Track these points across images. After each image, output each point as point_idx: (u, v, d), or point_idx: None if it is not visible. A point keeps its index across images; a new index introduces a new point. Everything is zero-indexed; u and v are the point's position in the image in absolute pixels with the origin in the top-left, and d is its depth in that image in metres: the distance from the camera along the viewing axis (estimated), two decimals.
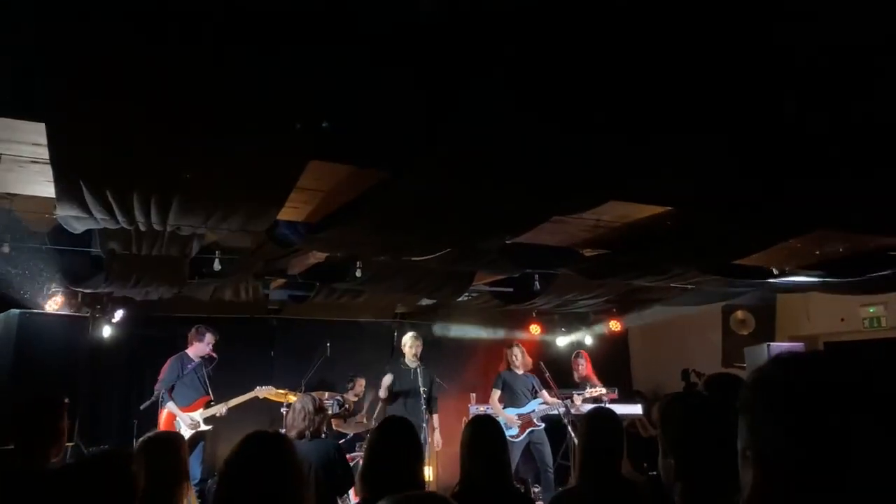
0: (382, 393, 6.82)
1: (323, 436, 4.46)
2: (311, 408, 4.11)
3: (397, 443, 2.72)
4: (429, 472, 7.75)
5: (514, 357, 7.38)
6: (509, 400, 7.29)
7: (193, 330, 6.75)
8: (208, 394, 6.59)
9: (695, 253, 4.54)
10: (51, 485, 2.13)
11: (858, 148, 2.81)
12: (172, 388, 6.38)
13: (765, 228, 3.92)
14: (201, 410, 6.48)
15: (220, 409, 6.51)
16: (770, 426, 0.90)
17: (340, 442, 7.14)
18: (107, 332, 7.02)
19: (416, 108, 2.59)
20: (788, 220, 3.72)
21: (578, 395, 7.38)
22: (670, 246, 4.24)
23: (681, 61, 2.30)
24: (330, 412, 6.97)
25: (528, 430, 7.14)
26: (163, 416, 6.35)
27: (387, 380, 6.84)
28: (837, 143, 2.74)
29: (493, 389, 7.43)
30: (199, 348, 6.64)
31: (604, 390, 7.49)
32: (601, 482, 2.56)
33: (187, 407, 6.42)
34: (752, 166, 2.95)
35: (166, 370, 6.51)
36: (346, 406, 7.27)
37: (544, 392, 7.27)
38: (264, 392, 6.79)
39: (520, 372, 7.37)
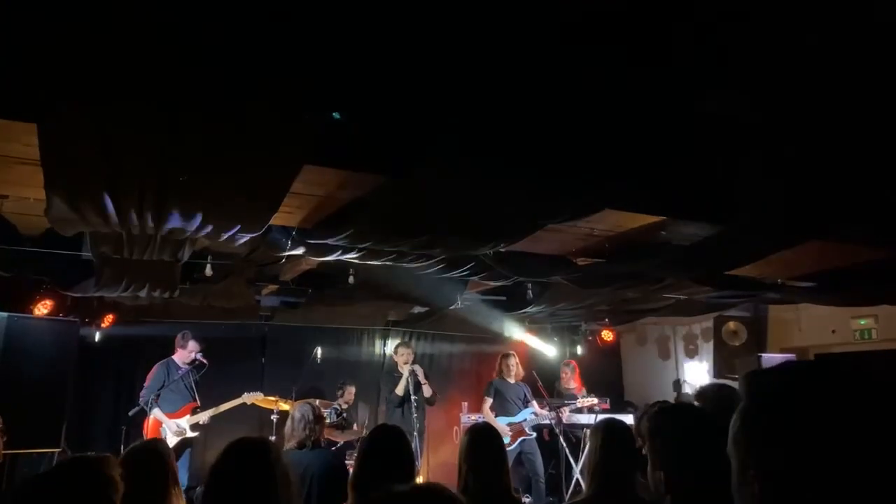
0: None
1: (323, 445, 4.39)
2: (311, 416, 4.03)
3: (388, 451, 2.70)
4: (419, 481, 7.70)
5: (507, 366, 7.35)
6: (500, 408, 7.26)
7: (179, 336, 6.70)
8: (195, 400, 6.51)
9: (688, 263, 4.55)
10: (22, 491, 2.09)
11: (854, 158, 2.83)
12: (159, 394, 6.29)
13: (758, 239, 3.93)
14: (188, 417, 6.40)
15: (206, 416, 6.45)
16: (777, 441, 0.86)
17: (330, 450, 7.12)
18: (96, 336, 6.96)
19: (412, 116, 2.59)
20: (781, 231, 3.73)
21: (568, 405, 7.36)
22: (664, 255, 4.25)
23: (677, 68, 2.31)
24: (328, 421, 6.91)
25: (519, 440, 7.11)
26: (149, 423, 6.27)
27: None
28: (833, 152, 2.75)
29: (485, 398, 7.41)
30: (183, 355, 6.58)
31: (595, 400, 7.47)
32: (614, 496, 2.51)
33: (174, 413, 6.34)
34: (746, 176, 2.96)
35: (152, 377, 6.43)
36: (344, 415, 7.20)
37: (534, 402, 7.25)
38: (251, 398, 6.73)
39: (511, 381, 7.35)
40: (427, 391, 6.91)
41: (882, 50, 2.20)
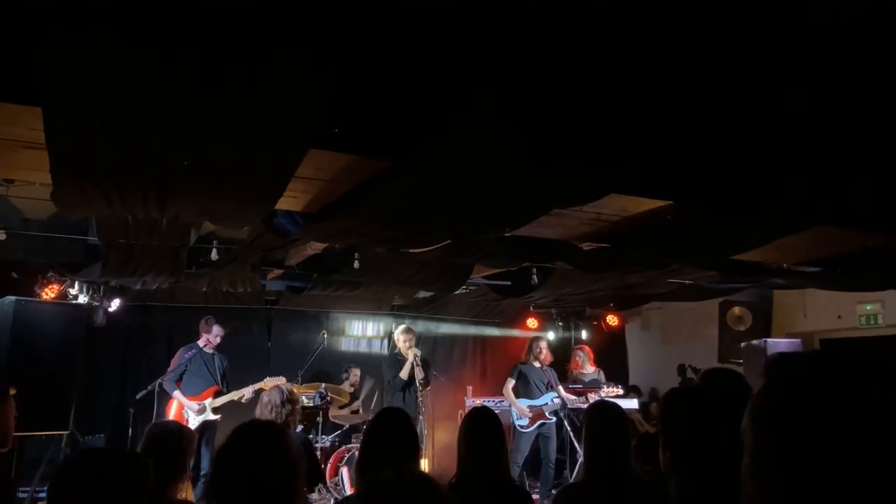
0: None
1: (299, 428, 4.43)
2: (277, 400, 4.09)
3: (393, 434, 2.71)
4: (424, 465, 7.77)
5: (539, 351, 7.38)
6: (524, 391, 7.36)
7: (202, 321, 6.80)
8: (217, 383, 6.60)
9: (694, 248, 4.54)
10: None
11: (860, 143, 2.81)
12: (181, 378, 6.42)
13: (764, 224, 3.91)
14: (210, 399, 6.48)
15: (232, 397, 6.51)
16: (801, 430, 0.84)
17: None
18: (103, 320, 7.01)
19: (419, 100, 2.58)
20: (788, 216, 3.71)
21: (596, 390, 7.43)
22: (669, 240, 4.24)
23: (678, 57, 2.29)
24: (310, 404, 6.94)
25: (538, 423, 7.18)
26: (172, 405, 6.41)
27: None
28: (839, 137, 2.73)
29: (509, 378, 7.50)
30: (204, 339, 6.69)
31: (620, 391, 7.59)
32: (610, 478, 2.54)
33: (195, 396, 6.44)
34: (753, 160, 2.94)
35: (174, 361, 6.58)
36: (328, 398, 7.24)
37: (560, 387, 7.31)
38: (273, 382, 6.77)
39: (538, 365, 7.40)
40: (419, 374, 6.93)
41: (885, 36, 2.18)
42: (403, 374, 6.88)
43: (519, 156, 2.81)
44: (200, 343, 6.65)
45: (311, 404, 7.09)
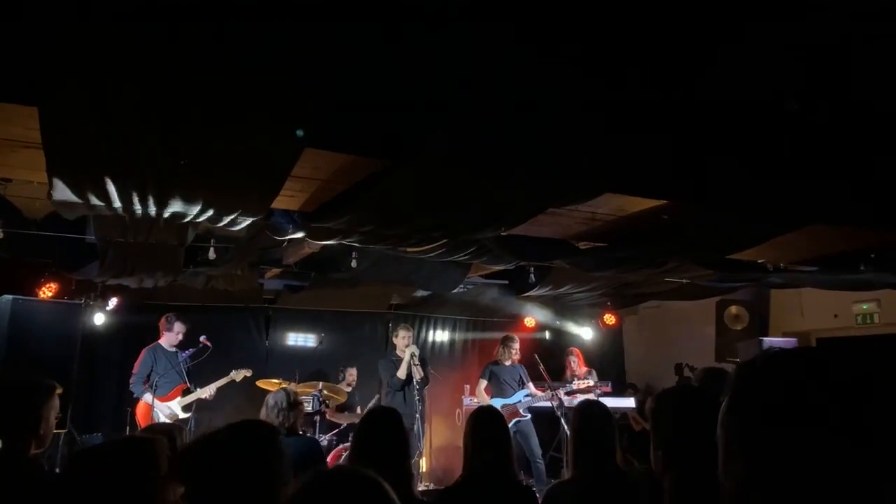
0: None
1: (301, 432, 4.36)
2: (284, 403, 3.93)
3: (383, 434, 2.72)
4: (422, 464, 7.78)
5: (508, 349, 7.40)
6: (496, 390, 7.38)
7: (163, 319, 6.63)
8: (185, 381, 6.51)
9: (690, 247, 4.55)
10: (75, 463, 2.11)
11: (855, 141, 2.82)
12: (147, 380, 6.29)
13: (760, 223, 3.92)
14: (179, 399, 6.41)
15: (197, 396, 6.47)
16: (767, 426, 0.86)
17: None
18: (100, 319, 7.00)
19: (415, 99, 2.59)
20: (784, 214, 3.72)
21: (563, 388, 7.41)
22: (665, 240, 4.25)
23: (679, 54, 2.30)
24: (308, 409, 6.83)
25: (513, 421, 7.17)
26: (139, 408, 6.29)
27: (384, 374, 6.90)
28: (834, 135, 2.74)
29: (480, 380, 7.54)
30: (170, 337, 6.55)
31: (591, 382, 7.55)
32: (595, 474, 2.57)
33: (164, 397, 6.33)
34: (749, 160, 2.95)
35: (139, 363, 6.42)
36: (327, 403, 7.19)
37: (531, 384, 7.34)
38: (240, 375, 6.72)
39: (508, 363, 7.42)
40: (417, 373, 6.89)
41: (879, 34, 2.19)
42: (401, 374, 6.86)
43: (516, 155, 2.82)
44: (162, 342, 6.53)
45: (310, 409, 7.06)
